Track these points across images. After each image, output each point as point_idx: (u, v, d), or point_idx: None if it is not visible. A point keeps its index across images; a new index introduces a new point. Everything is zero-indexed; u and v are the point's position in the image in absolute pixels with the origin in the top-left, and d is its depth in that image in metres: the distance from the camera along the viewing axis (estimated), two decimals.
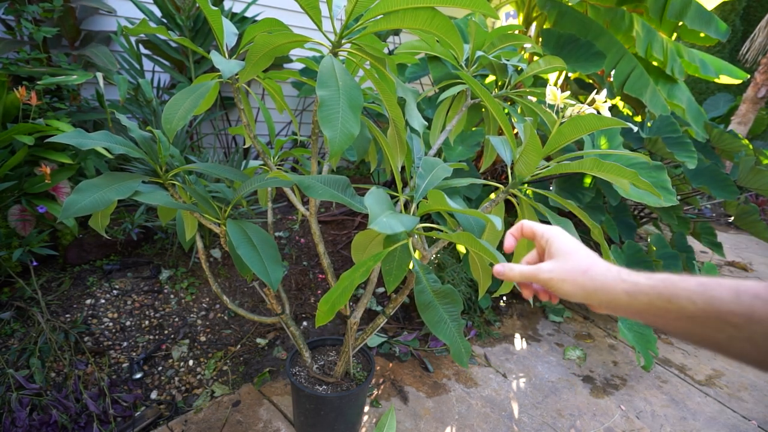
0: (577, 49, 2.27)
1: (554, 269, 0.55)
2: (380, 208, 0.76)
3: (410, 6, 0.85)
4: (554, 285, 0.55)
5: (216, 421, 1.61)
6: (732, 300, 0.41)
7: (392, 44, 3.63)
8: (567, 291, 0.54)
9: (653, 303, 0.46)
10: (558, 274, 0.55)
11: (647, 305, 0.47)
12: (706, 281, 0.43)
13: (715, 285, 0.43)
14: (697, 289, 0.43)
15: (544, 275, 0.56)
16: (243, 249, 0.97)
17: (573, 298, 0.55)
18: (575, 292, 0.53)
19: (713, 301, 0.42)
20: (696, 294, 0.43)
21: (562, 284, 0.54)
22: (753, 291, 0.40)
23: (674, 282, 0.45)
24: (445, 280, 2.18)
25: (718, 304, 0.41)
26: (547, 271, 0.56)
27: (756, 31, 5.70)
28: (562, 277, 0.54)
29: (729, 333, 0.41)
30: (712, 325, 0.42)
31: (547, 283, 0.56)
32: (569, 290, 0.54)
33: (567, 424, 1.82)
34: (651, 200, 1.92)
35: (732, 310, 0.40)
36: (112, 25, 2.56)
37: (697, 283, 0.44)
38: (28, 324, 1.73)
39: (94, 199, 0.90)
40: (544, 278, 0.56)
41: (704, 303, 0.42)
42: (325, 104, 0.81)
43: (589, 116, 0.85)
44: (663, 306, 0.45)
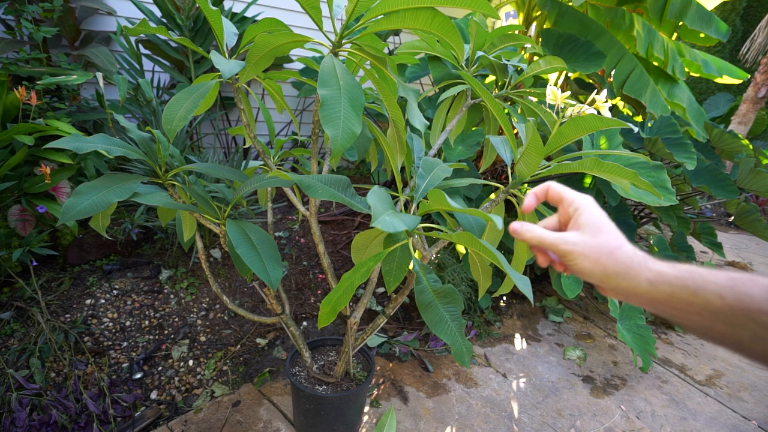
0: (577, 49, 2.27)
1: (579, 242, 0.50)
2: (383, 207, 0.76)
3: (411, 6, 0.85)
4: (573, 259, 0.50)
5: (216, 421, 1.61)
6: (763, 298, 0.39)
7: (392, 44, 3.63)
8: (585, 268, 0.50)
9: (676, 294, 0.44)
10: (582, 249, 0.50)
11: (669, 296, 0.44)
12: (736, 276, 0.42)
13: (747, 281, 0.41)
14: (727, 283, 0.41)
15: (565, 246, 0.51)
16: (242, 248, 0.97)
17: (589, 277, 0.51)
18: (593, 272, 0.49)
19: (743, 297, 0.40)
20: (725, 288, 0.41)
21: (582, 260, 0.50)
22: None
23: (702, 275, 0.43)
24: (446, 280, 2.18)
25: (749, 301, 0.40)
26: (572, 243, 0.50)
27: (756, 31, 5.70)
28: (585, 252, 0.49)
29: (754, 331, 0.39)
30: (738, 323, 0.40)
31: (566, 255, 0.51)
32: (588, 268, 0.50)
33: (567, 424, 1.82)
34: (651, 200, 1.92)
35: (762, 308, 0.39)
36: (112, 25, 2.55)
37: (726, 277, 0.42)
38: (28, 324, 1.73)
39: (93, 202, 0.90)
40: (565, 249, 0.51)
41: (733, 299, 0.41)
42: (327, 103, 0.81)
43: (589, 116, 0.85)
44: (686, 299, 0.43)
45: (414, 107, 1.03)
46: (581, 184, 2.28)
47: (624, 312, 2.26)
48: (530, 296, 0.70)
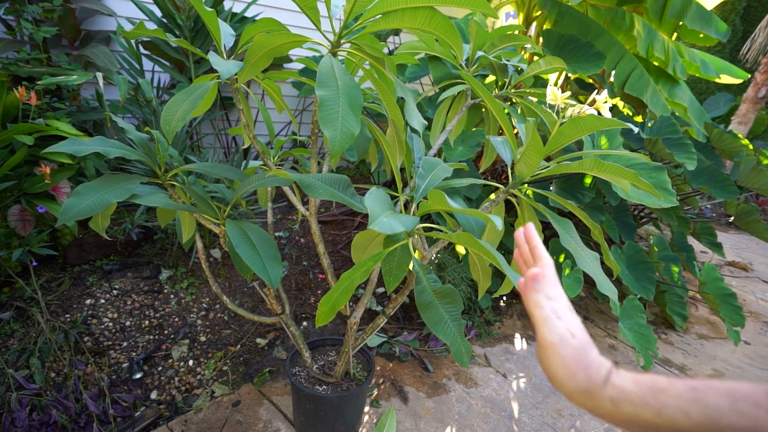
0: (577, 50, 2.27)
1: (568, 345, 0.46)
2: (380, 208, 0.76)
3: (409, 5, 0.84)
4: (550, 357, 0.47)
5: (216, 421, 1.61)
6: (730, 410, 0.36)
7: (392, 44, 3.63)
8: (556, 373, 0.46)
9: (640, 415, 0.41)
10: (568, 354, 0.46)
11: (633, 416, 0.41)
12: (698, 386, 0.39)
13: (708, 390, 0.38)
14: (690, 396, 0.39)
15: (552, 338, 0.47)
16: (242, 248, 0.97)
17: (553, 380, 0.47)
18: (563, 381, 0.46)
19: (709, 411, 0.37)
20: (689, 403, 0.38)
21: (559, 366, 0.46)
22: (752, 399, 0.36)
23: (663, 389, 0.40)
24: (446, 280, 2.18)
25: (716, 416, 0.37)
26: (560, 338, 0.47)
27: (756, 31, 5.70)
28: (566, 361, 0.46)
29: None
30: None
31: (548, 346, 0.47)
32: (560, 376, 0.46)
33: (567, 424, 1.82)
34: (651, 201, 1.91)
35: (732, 423, 0.36)
36: (112, 25, 2.55)
37: (688, 388, 0.39)
38: (28, 324, 1.73)
39: (92, 202, 0.90)
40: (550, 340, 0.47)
41: (699, 415, 0.37)
42: (325, 104, 0.81)
43: (589, 117, 0.85)
44: (651, 419, 0.40)
45: (412, 107, 1.03)
46: (581, 184, 2.28)
47: (625, 311, 2.26)
48: None
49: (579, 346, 0.46)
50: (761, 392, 0.36)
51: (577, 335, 0.47)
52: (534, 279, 0.49)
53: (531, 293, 0.50)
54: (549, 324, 0.47)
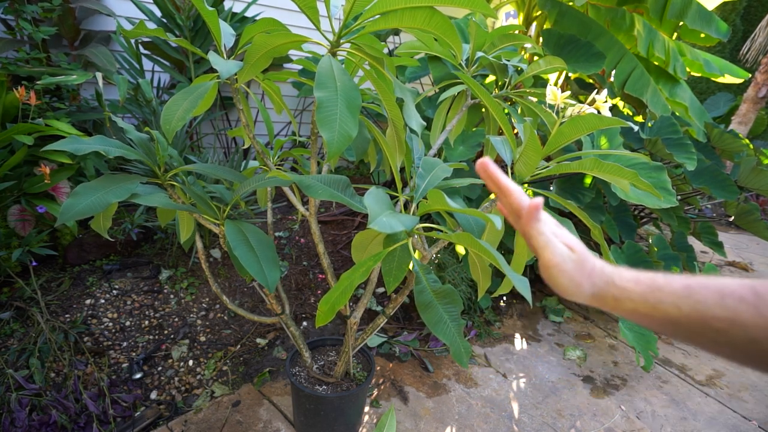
0: (577, 50, 2.27)
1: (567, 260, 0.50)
2: (380, 208, 0.76)
3: (408, 5, 0.84)
4: (555, 273, 0.50)
5: (216, 421, 1.61)
6: (716, 303, 0.40)
7: (392, 44, 3.63)
8: (562, 284, 0.50)
9: (638, 309, 0.46)
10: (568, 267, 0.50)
11: (632, 311, 0.46)
12: (692, 283, 0.43)
13: (700, 288, 0.42)
14: (683, 292, 0.43)
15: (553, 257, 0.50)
16: (240, 250, 0.97)
17: (561, 291, 0.51)
18: (568, 289, 0.50)
19: (697, 306, 0.41)
20: (681, 299, 0.42)
21: (563, 277, 0.50)
22: (738, 294, 0.39)
23: (660, 287, 0.45)
24: (445, 280, 2.18)
25: (703, 309, 0.41)
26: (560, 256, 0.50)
27: (756, 31, 5.70)
28: (569, 271, 0.50)
29: (711, 337, 0.40)
30: (696, 330, 0.41)
31: (550, 267, 0.50)
32: (565, 285, 0.50)
33: (567, 425, 1.82)
34: (651, 201, 1.91)
35: (716, 315, 0.40)
36: (111, 24, 2.55)
37: (682, 286, 0.43)
38: (28, 324, 1.73)
39: (92, 202, 0.90)
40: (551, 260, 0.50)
41: (689, 308, 0.42)
42: (323, 105, 0.81)
43: (589, 116, 0.85)
44: (647, 312, 0.45)
45: (411, 108, 1.03)
46: (581, 184, 2.28)
47: None
48: (529, 297, 0.70)
49: (579, 259, 0.50)
50: (747, 289, 0.39)
51: (576, 248, 0.51)
52: (536, 209, 0.51)
53: (533, 223, 0.52)
54: (551, 246, 0.51)
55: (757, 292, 0.38)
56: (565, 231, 0.54)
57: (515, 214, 0.55)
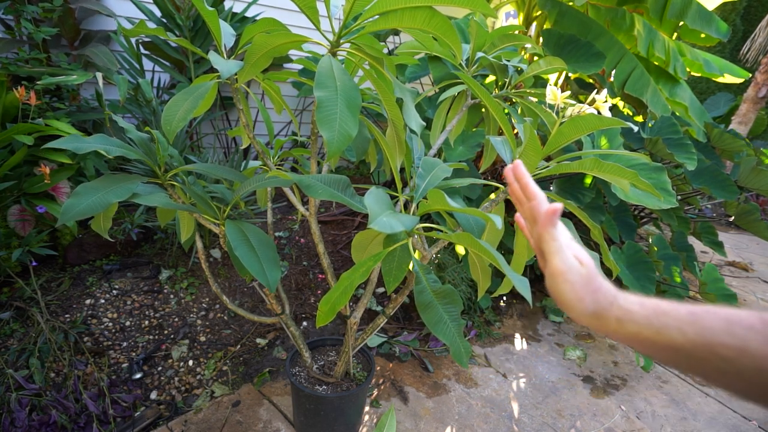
0: (577, 50, 2.27)
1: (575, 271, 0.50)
2: (380, 208, 0.76)
3: (408, 5, 0.84)
4: (560, 283, 0.50)
5: (216, 421, 1.61)
6: (724, 331, 0.39)
7: (392, 44, 3.63)
8: (565, 297, 0.49)
9: (641, 333, 0.45)
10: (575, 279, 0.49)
11: (635, 334, 0.45)
12: (698, 311, 0.42)
13: (707, 315, 0.41)
14: (688, 318, 0.42)
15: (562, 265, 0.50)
16: (241, 250, 0.97)
17: (562, 304, 0.50)
18: (571, 304, 0.49)
19: (704, 332, 0.40)
20: (687, 324, 0.42)
21: (568, 289, 0.49)
22: (747, 323, 0.39)
23: (665, 312, 0.44)
24: (445, 280, 2.18)
25: (710, 335, 0.40)
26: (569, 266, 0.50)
27: (756, 31, 5.70)
28: (575, 284, 0.49)
29: (717, 365, 0.39)
30: (701, 356, 0.40)
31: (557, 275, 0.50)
32: (569, 299, 0.49)
33: (567, 425, 1.82)
34: (651, 202, 1.91)
35: (723, 342, 0.39)
36: (111, 24, 2.55)
37: (688, 312, 0.42)
38: (28, 324, 1.73)
39: (92, 202, 0.90)
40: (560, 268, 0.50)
41: (695, 334, 0.41)
42: (323, 105, 0.81)
43: (589, 116, 0.85)
44: (651, 337, 0.44)
45: (411, 108, 1.03)
46: (581, 184, 2.28)
47: None
48: (528, 297, 0.70)
49: (587, 273, 0.50)
50: (756, 318, 0.39)
51: (585, 263, 0.51)
52: (554, 213, 0.52)
53: (549, 227, 0.52)
54: (561, 254, 0.50)
55: (766, 321, 0.38)
56: (579, 246, 0.53)
57: (532, 219, 0.55)
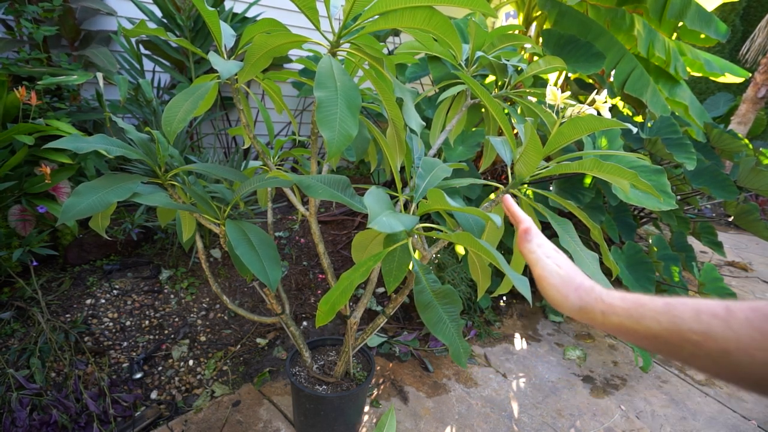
0: (577, 50, 2.27)
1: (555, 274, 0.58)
2: (380, 208, 0.76)
3: (408, 5, 0.85)
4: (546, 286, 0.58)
5: (216, 421, 1.61)
6: (692, 319, 0.43)
7: (392, 44, 3.63)
8: (552, 296, 0.57)
9: (623, 324, 0.50)
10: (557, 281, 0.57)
11: (618, 325, 0.50)
12: (672, 301, 0.46)
13: (679, 305, 0.45)
14: (663, 309, 0.46)
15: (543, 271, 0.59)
16: (241, 249, 0.97)
17: (551, 302, 0.57)
18: (557, 301, 0.56)
19: (676, 320, 0.45)
20: (661, 314, 0.46)
21: (553, 291, 0.57)
22: (712, 311, 0.42)
23: (643, 303, 0.49)
24: (445, 280, 2.18)
25: (680, 323, 0.44)
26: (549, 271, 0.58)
27: (756, 32, 5.70)
28: (557, 285, 0.57)
29: (689, 350, 0.43)
30: (675, 343, 0.45)
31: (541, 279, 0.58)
32: (555, 298, 0.57)
33: (567, 424, 1.82)
34: (650, 203, 1.91)
35: (692, 329, 0.43)
36: (112, 25, 2.56)
37: (663, 303, 0.47)
38: (28, 324, 1.73)
39: (93, 202, 0.90)
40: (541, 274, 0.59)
41: (668, 322, 0.45)
42: (323, 105, 0.81)
43: (588, 117, 0.85)
44: (632, 327, 0.49)
45: (410, 108, 1.03)
46: (581, 184, 2.28)
47: None
48: (528, 297, 0.70)
49: (565, 275, 0.58)
50: (721, 306, 0.42)
51: (563, 266, 0.59)
52: (526, 232, 0.64)
53: (525, 243, 0.63)
54: (541, 263, 0.60)
55: (729, 309, 0.42)
56: (560, 254, 0.62)
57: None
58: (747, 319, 0.40)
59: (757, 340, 0.39)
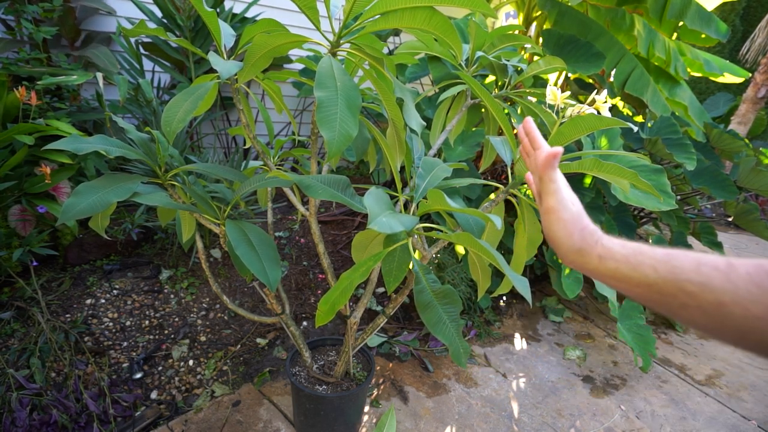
0: (577, 50, 2.27)
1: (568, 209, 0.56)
2: (379, 208, 0.76)
3: (408, 5, 0.85)
4: (553, 221, 0.56)
5: (216, 421, 1.61)
6: (692, 269, 0.43)
7: (392, 44, 3.63)
8: (556, 233, 0.56)
9: (619, 269, 0.49)
10: (567, 216, 0.55)
11: (613, 271, 0.49)
12: (673, 252, 0.46)
13: (681, 255, 0.45)
14: (663, 258, 0.46)
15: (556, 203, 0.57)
16: (241, 249, 0.97)
17: (553, 242, 0.56)
18: (561, 240, 0.55)
19: (675, 270, 0.44)
20: (660, 262, 0.45)
21: (559, 227, 0.55)
22: (714, 263, 0.42)
23: (643, 251, 0.48)
24: (445, 280, 2.18)
25: (679, 272, 0.44)
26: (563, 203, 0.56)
27: (756, 32, 5.70)
28: (566, 221, 0.55)
29: (682, 300, 0.43)
30: (669, 292, 0.44)
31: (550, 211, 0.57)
32: (559, 235, 0.55)
33: (567, 424, 1.82)
34: (650, 204, 1.91)
35: (690, 279, 0.43)
36: (112, 25, 2.56)
37: (664, 253, 0.46)
38: (28, 324, 1.73)
39: (93, 202, 0.90)
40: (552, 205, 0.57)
41: (666, 271, 0.45)
42: (324, 105, 0.81)
43: (588, 116, 0.85)
44: (627, 273, 0.48)
45: (411, 108, 1.03)
46: (581, 184, 2.28)
47: (624, 312, 2.26)
48: (528, 297, 0.70)
49: (577, 212, 0.56)
50: (722, 260, 0.42)
51: (576, 204, 0.57)
52: (555, 156, 0.58)
53: (549, 169, 0.59)
54: (558, 194, 0.57)
55: (730, 263, 0.42)
56: (571, 192, 0.59)
57: (536, 169, 0.62)
58: (748, 274, 0.40)
59: (754, 294, 0.39)
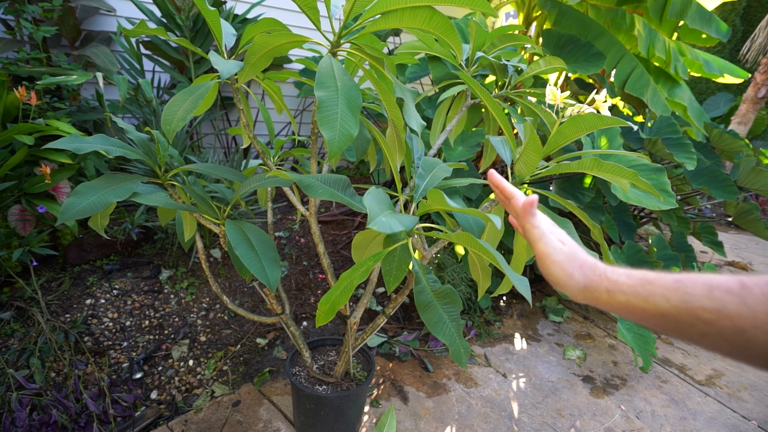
0: (577, 50, 2.27)
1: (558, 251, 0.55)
2: (379, 208, 0.76)
3: (409, 5, 0.85)
4: (549, 264, 0.55)
5: (216, 421, 1.61)
6: (704, 295, 0.41)
7: (392, 44, 3.63)
8: (555, 275, 0.54)
9: (630, 302, 0.47)
10: (561, 258, 0.54)
11: (625, 304, 0.48)
12: (682, 278, 0.44)
13: (690, 282, 0.43)
14: (673, 286, 0.44)
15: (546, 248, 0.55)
16: (241, 249, 0.97)
17: (555, 283, 0.54)
18: (561, 280, 0.53)
19: (686, 298, 0.42)
20: (671, 291, 0.44)
21: (556, 268, 0.54)
22: (725, 286, 0.40)
23: (651, 281, 0.46)
24: (445, 280, 2.18)
25: (691, 300, 0.42)
26: (553, 248, 0.55)
27: (756, 31, 5.70)
28: (561, 262, 0.54)
29: (700, 329, 0.41)
30: (685, 321, 0.42)
31: (544, 257, 0.55)
32: (558, 276, 0.54)
33: (567, 424, 1.82)
34: (650, 203, 1.91)
35: (703, 306, 0.41)
36: (112, 25, 2.56)
37: (673, 280, 0.44)
38: (28, 324, 1.73)
39: (93, 202, 0.90)
40: (544, 251, 0.55)
41: (678, 300, 0.43)
42: (324, 105, 0.81)
43: (588, 116, 0.85)
44: (639, 305, 0.46)
45: (411, 108, 1.03)
46: (581, 184, 2.28)
47: None
48: (528, 297, 0.70)
49: (569, 251, 0.55)
50: (734, 282, 0.40)
51: (566, 243, 0.56)
52: (531, 204, 0.58)
53: (528, 218, 0.58)
54: (545, 239, 0.56)
55: (744, 284, 0.39)
56: (560, 230, 0.58)
57: (516, 215, 0.61)
58: (764, 294, 0.37)
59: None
